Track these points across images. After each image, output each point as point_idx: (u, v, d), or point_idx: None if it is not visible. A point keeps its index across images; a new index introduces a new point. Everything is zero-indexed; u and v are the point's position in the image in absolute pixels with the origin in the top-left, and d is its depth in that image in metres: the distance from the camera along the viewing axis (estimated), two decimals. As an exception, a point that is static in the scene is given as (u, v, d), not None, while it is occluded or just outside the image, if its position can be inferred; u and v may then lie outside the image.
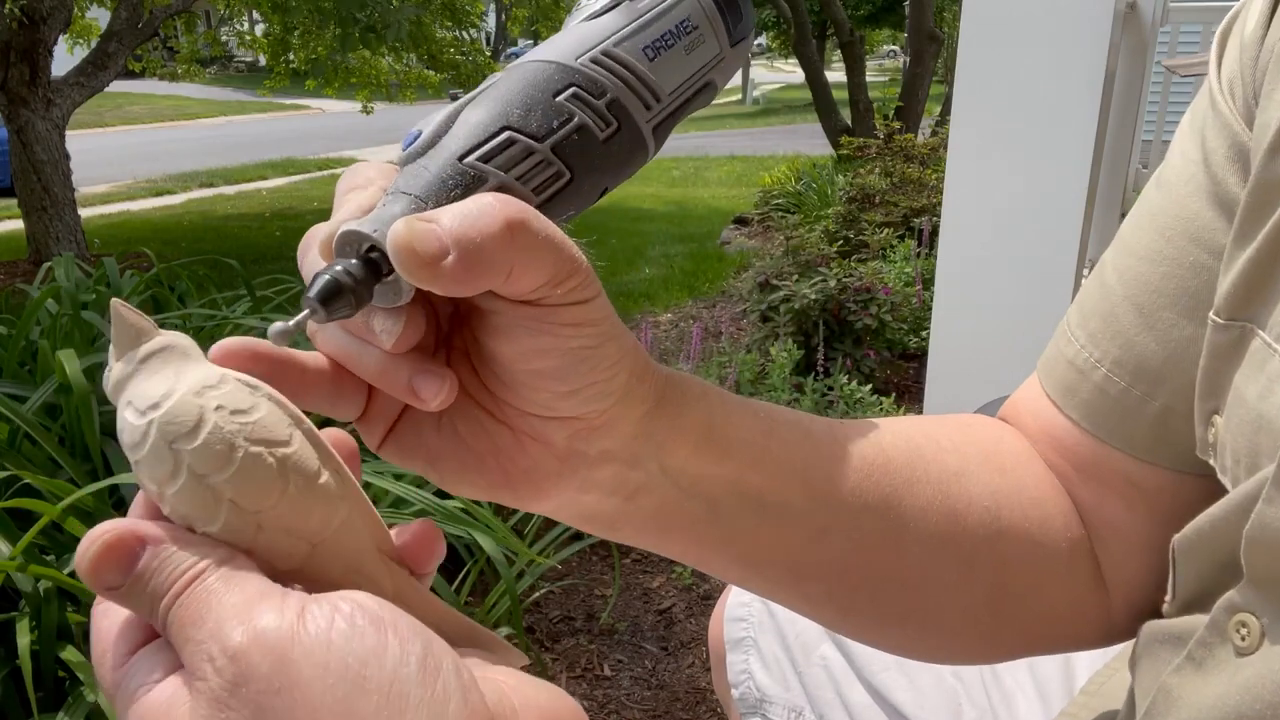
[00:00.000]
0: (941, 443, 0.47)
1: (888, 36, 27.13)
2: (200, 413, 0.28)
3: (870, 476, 0.43)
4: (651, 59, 0.37)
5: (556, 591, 2.00)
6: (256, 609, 0.26)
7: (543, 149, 0.34)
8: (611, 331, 0.34)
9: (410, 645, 0.25)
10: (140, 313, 0.30)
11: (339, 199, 0.34)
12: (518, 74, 0.35)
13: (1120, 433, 0.45)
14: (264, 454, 0.28)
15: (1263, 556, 0.33)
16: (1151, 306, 0.43)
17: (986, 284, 1.84)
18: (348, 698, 0.24)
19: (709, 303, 4.41)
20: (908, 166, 4.82)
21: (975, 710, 0.68)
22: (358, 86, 6.80)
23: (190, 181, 9.66)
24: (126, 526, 0.28)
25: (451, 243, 0.29)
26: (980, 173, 1.80)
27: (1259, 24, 0.40)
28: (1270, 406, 0.34)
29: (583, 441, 0.36)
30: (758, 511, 0.41)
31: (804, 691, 0.74)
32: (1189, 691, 0.37)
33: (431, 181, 0.32)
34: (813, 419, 0.43)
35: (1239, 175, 0.40)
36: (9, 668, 1.35)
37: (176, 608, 0.27)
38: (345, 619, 0.26)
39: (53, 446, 1.62)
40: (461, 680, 0.26)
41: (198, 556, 0.27)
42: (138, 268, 3.28)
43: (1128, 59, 2.19)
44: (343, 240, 0.32)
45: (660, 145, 0.39)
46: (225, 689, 0.25)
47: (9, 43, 4.76)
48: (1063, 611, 0.48)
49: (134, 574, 0.27)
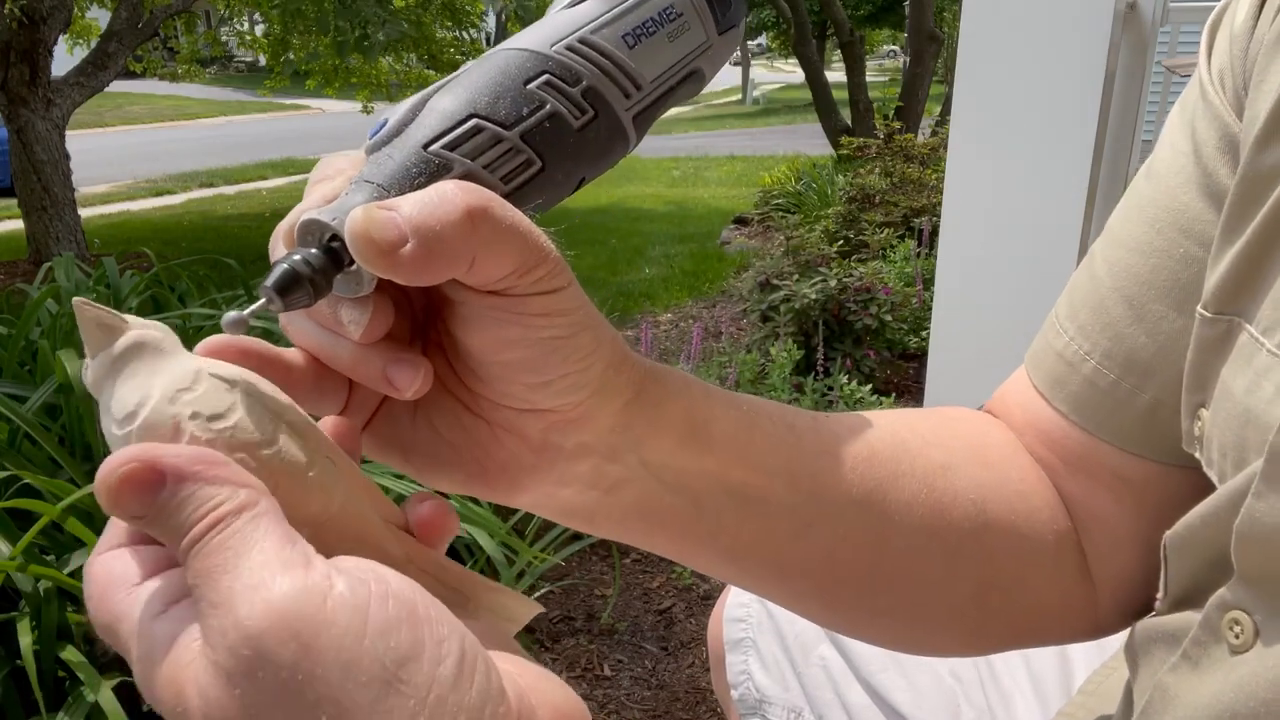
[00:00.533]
0: (927, 437, 0.46)
1: (888, 36, 27.13)
2: (175, 422, 0.27)
3: (855, 471, 0.42)
4: (631, 46, 0.36)
5: (556, 591, 2.00)
6: (278, 580, 0.24)
7: (511, 136, 0.33)
8: (584, 321, 0.34)
9: (450, 644, 0.24)
10: (105, 308, 0.29)
11: (308, 189, 0.34)
12: (490, 62, 0.34)
13: (1109, 425, 0.45)
14: (245, 459, 0.28)
15: (1253, 553, 0.33)
16: (1141, 299, 0.43)
17: (986, 284, 1.84)
18: (382, 698, 0.23)
19: (709, 303, 4.41)
20: (908, 166, 4.82)
21: (973, 710, 0.68)
22: (358, 86, 6.80)
23: (190, 181, 9.66)
24: (148, 458, 0.26)
25: (410, 230, 0.29)
26: (980, 173, 1.80)
27: (1249, 15, 0.40)
28: (1257, 401, 0.34)
29: (559, 434, 0.36)
30: (741, 506, 0.40)
31: (803, 692, 0.74)
32: (1185, 690, 0.37)
33: (395, 170, 0.32)
34: (798, 413, 0.43)
35: (1229, 166, 0.40)
36: (9, 668, 1.35)
37: (194, 555, 0.25)
38: (380, 607, 0.24)
39: (53, 446, 1.62)
40: (492, 684, 0.25)
41: (221, 496, 0.26)
42: (138, 268, 3.28)
43: (1128, 59, 2.19)
44: (304, 229, 0.31)
45: (643, 134, 0.38)
46: (242, 670, 0.23)
47: (9, 43, 4.76)
48: (1049, 605, 0.48)
49: (155, 505, 0.26)
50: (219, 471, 0.26)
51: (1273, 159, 0.35)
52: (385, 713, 0.23)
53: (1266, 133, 0.35)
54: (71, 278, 2.58)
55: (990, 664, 0.69)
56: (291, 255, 0.30)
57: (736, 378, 2.80)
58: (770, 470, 0.40)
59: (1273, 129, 0.35)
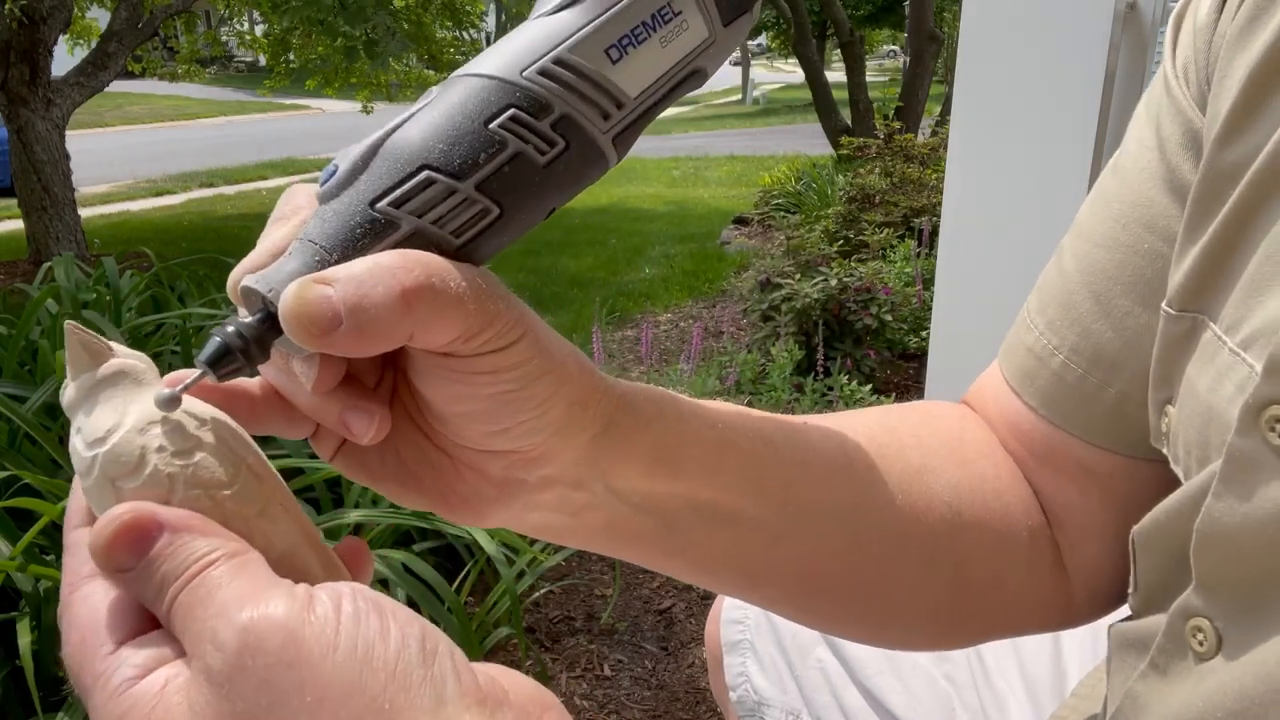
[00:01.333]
0: (905, 439, 0.47)
1: (888, 36, 27.12)
2: (141, 453, 0.29)
3: (830, 481, 0.43)
4: (615, 60, 0.32)
5: (556, 591, 2.00)
6: (265, 594, 0.26)
7: (465, 188, 0.31)
8: (539, 370, 0.33)
9: (410, 629, 0.26)
10: (95, 335, 0.30)
11: (268, 226, 0.33)
12: (452, 93, 0.32)
13: (1076, 419, 0.45)
14: (201, 496, 0.29)
15: (1211, 553, 0.33)
16: (1108, 294, 0.43)
17: (986, 284, 1.84)
18: (358, 676, 0.25)
19: (709, 303, 4.41)
20: (908, 166, 4.82)
21: (967, 713, 0.68)
22: (358, 86, 6.80)
23: (190, 181, 9.66)
24: (146, 510, 0.28)
25: (345, 312, 0.28)
26: (980, 173, 1.80)
27: (1211, 8, 0.39)
28: (1219, 399, 0.34)
29: (521, 470, 0.35)
30: (710, 522, 0.40)
31: (800, 694, 0.74)
32: (1156, 699, 0.37)
33: (339, 231, 0.30)
34: (778, 423, 0.43)
35: (1193, 162, 0.40)
36: (9, 668, 1.35)
37: (185, 592, 0.27)
38: (350, 602, 0.26)
39: (53, 446, 1.62)
40: (455, 663, 0.26)
41: (211, 546, 0.28)
42: (138, 268, 3.28)
43: (1128, 59, 2.18)
44: (245, 294, 0.31)
45: (626, 151, 0.34)
46: (231, 663, 0.25)
47: (9, 43, 4.76)
48: (1024, 599, 0.48)
49: (147, 558, 0.27)
50: (210, 529, 0.28)
51: (1234, 156, 0.35)
52: (360, 689, 0.25)
53: (1228, 130, 0.35)
54: (71, 278, 2.58)
55: (984, 667, 0.69)
56: (225, 326, 0.30)
57: (737, 378, 2.80)
58: (741, 488, 0.40)
59: (1234, 127, 0.35)
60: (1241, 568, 0.32)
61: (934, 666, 0.70)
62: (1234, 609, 0.33)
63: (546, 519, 0.38)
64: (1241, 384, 0.33)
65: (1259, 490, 0.31)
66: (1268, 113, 0.34)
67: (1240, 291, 0.34)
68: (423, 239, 0.31)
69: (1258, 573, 0.32)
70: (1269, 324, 0.32)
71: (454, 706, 0.25)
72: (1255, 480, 0.31)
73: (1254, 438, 0.31)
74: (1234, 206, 0.35)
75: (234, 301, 0.32)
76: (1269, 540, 0.31)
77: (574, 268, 5.15)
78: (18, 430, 1.69)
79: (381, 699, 0.25)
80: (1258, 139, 0.34)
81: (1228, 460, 0.32)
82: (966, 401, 0.53)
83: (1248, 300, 0.33)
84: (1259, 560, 0.31)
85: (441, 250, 0.31)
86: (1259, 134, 0.34)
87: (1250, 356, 0.33)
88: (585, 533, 0.39)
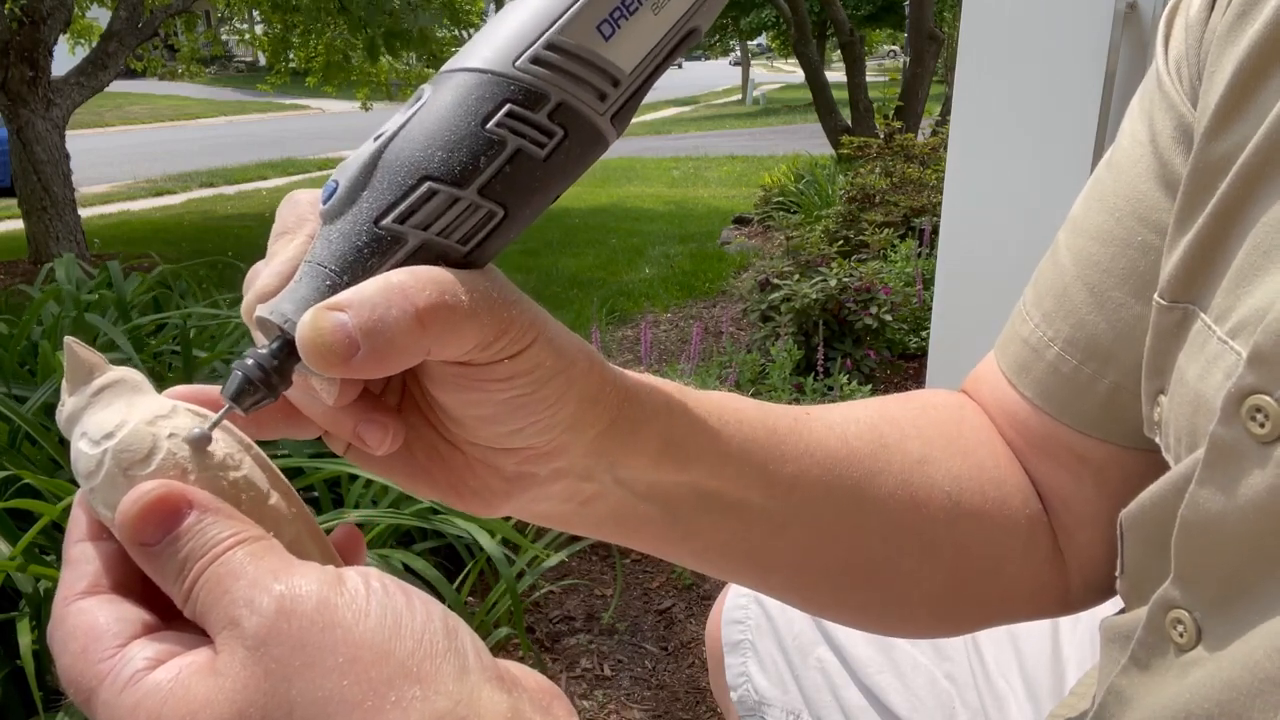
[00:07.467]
0: (905, 429, 0.47)
1: (888, 36, 27.10)
2: (153, 441, 0.29)
3: (833, 470, 0.43)
4: (608, 37, 0.31)
5: (557, 591, 2.00)
6: (297, 569, 0.27)
7: (468, 195, 0.30)
8: (551, 371, 0.33)
9: (433, 607, 0.27)
10: (92, 350, 0.31)
11: (272, 240, 0.33)
12: (445, 94, 0.31)
13: (1070, 410, 0.46)
14: (217, 477, 0.30)
15: (1194, 542, 0.34)
16: (1102, 286, 0.44)
17: (986, 284, 1.84)
18: (389, 641, 0.26)
19: (709, 303, 4.41)
20: (908, 166, 4.82)
21: (967, 712, 0.68)
22: (357, 84, 6.81)
23: (190, 181, 9.66)
24: (177, 487, 0.28)
25: (361, 338, 0.29)
26: (980, 173, 1.80)
27: (1202, 5, 0.40)
28: (1208, 387, 0.35)
29: (532, 465, 0.36)
30: (715, 510, 0.41)
31: (801, 694, 0.74)
32: (1139, 693, 0.37)
33: (346, 252, 0.30)
34: (781, 413, 0.44)
35: (1184, 156, 0.40)
36: (9, 668, 1.35)
37: (215, 565, 0.27)
38: (377, 580, 0.27)
39: (53, 446, 1.62)
40: (474, 642, 0.28)
41: (236, 528, 0.28)
42: (140, 269, 3.28)
43: (1128, 59, 2.19)
44: (260, 323, 0.31)
45: (625, 126, 0.33)
46: (267, 625, 0.25)
47: (9, 43, 4.76)
48: (1022, 586, 0.49)
49: (173, 534, 0.28)
50: (235, 513, 0.29)
51: (1222, 149, 0.36)
52: (390, 653, 0.26)
53: (1216, 123, 0.36)
54: (72, 278, 2.58)
55: (985, 666, 0.69)
56: (246, 359, 0.30)
57: (736, 378, 2.80)
58: (747, 476, 0.41)
59: (1222, 119, 0.36)
60: (1222, 557, 0.33)
61: (935, 665, 0.70)
62: (1213, 600, 0.33)
63: (555, 508, 0.39)
64: (1229, 372, 0.34)
65: (1240, 479, 0.31)
66: (1255, 105, 0.34)
67: (1229, 281, 0.34)
68: (430, 250, 0.31)
69: (1238, 562, 0.32)
70: (1256, 312, 0.32)
71: (477, 677, 0.26)
72: (1237, 469, 0.32)
73: (1235, 427, 0.32)
74: (1222, 198, 0.35)
75: (249, 327, 0.32)
76: (1249, 528, 0.31)
77: (574, 268, 5.15)
78: (18, 430, 1.69)
79: (410, 663, 0.26)
80: (1245, 131, 0.34)
81: (1210, 448, 0.32)
82: (964, 389, 0.54)
83: (1236, 290, 0.34)
84: (1239, 549, 0.32)
85: (449, 257, 0.31)
86: (1247, 126, 0.34)
87: (1238, 344, 0.34)
88: (593, 521, 0.40)
